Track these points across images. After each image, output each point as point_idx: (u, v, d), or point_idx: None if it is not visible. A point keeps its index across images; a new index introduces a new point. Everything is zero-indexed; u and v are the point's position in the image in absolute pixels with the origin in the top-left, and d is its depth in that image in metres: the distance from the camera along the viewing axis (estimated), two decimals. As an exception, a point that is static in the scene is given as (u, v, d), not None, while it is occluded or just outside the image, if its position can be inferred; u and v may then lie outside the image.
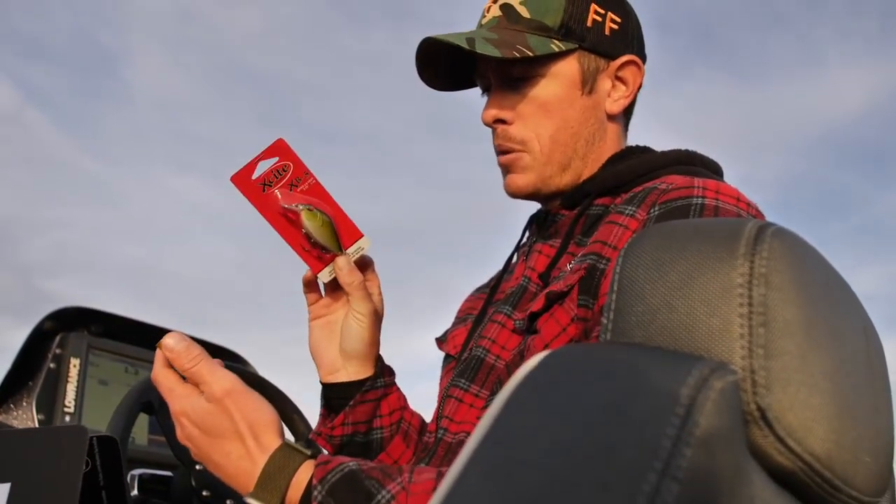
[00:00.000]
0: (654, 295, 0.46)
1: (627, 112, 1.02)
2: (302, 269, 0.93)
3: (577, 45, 0.94)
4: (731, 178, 0.98)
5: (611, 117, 0.99)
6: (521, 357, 0.89)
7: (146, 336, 1.84)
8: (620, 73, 0.97)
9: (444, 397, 0.96)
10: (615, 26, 0.96)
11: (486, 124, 0.98)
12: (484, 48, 0.90)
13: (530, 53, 0.91)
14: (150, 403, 1.16)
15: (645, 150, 0.99)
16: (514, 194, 0.99)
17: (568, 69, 0.95)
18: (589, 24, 0.95)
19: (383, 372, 0.98)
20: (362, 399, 0.95)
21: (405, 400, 1.03)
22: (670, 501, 0.33)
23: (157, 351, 0.82)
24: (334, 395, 0.96)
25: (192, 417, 0.78)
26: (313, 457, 0.77)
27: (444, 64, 0.98)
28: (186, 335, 0.81)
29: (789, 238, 0.47)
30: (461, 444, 0.89)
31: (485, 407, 0.90)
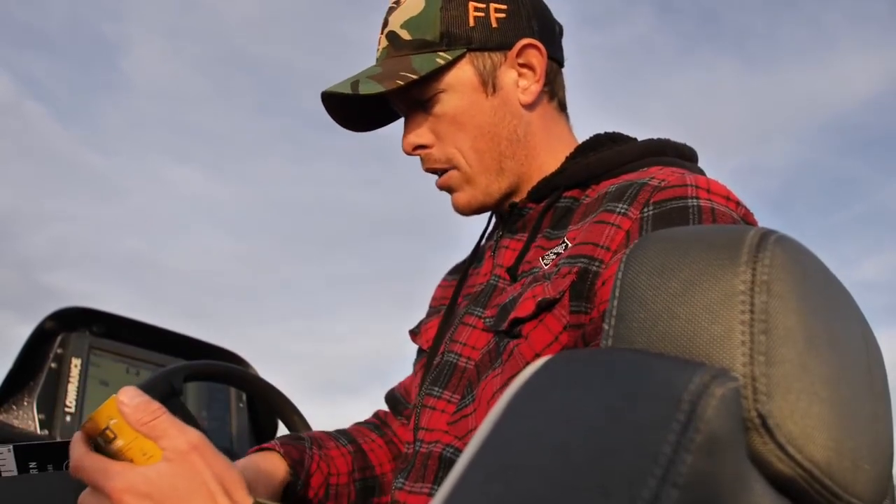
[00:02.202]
0: (655, 301, 0.46)
1: (553, 94, 0.98)
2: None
3: (464, 49, 0.91)
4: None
5: (530, 106, 0.95)
6: (490, 356, 0.87)
7: (148, 337, 1.84)
8: (522, 60, 0.94)
9: (419, 406, 0.94)
10: (502, 15, 0.93)
11: (408, 154, 0.96)
12: (367, 88, 0.88)
13: (414, 77, 0.88)
14: None
15: (613, 138, 0.96)
16: (463, 212, 0.97)
17: (463, 76, 0.92)
18: (471, 23, 0.91)
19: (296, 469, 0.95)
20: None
21: (327, 465, 1.00)
22: (670, 507, 0.33)
23: (76, 437, 0.68)
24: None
25: (141, 488, 0.65)
26: None
27: (358, 106, 0.97)
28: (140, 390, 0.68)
29: (791, 245, 0.47)
30: (434, 456, 0.88)
31: (457, 411, 0.88)
